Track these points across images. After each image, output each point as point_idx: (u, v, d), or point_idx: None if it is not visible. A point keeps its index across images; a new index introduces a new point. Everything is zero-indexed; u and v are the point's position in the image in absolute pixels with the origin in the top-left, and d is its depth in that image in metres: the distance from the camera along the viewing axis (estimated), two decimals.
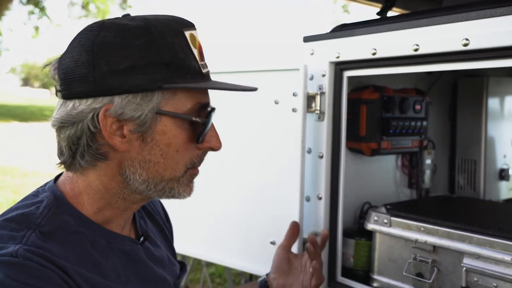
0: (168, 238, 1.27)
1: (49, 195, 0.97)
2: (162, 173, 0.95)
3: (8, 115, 20.97)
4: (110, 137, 0.91)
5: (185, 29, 0.94)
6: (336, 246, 1.67)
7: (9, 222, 0.89)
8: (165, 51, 0.90)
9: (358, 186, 1.91)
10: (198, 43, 0.97)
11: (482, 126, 2.15)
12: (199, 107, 0.97)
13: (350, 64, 1.61)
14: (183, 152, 0.96)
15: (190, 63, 0.94)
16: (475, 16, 1.28)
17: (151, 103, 0.90)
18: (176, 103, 0.93)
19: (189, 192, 1.02)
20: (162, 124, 0.93)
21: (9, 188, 7.51)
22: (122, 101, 0.89)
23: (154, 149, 0.93)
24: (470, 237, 1.39)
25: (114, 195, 0.98)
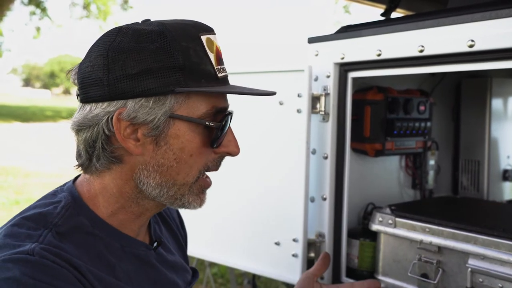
0: (181, 244, 1.26)
1: (67, 196, 0.98)
2: (175, 177, 0.95)
3: (10, 116, 21.00)
4: (124, 140, 0.92)
5: (202, 34, 0.94)
6: (340, 247, 1.67)
7: (27, 221, 0.91)
8: (179, 55, 0.90)
9: (362, 186, 1.91)
10: (216, 48, 0.96)
11: (486, 127, 2.15)
12: (215, 112, 0.95)
13: (355, 65, 1.61)
14: (197, 157, 0.95)
15: (205, 67, 0.93)
16: (480, 17, 1.28)
17: (164, 107, 0.91)
18: (191, 107, 0.93)
19: (199, 203, 1.01)
20: (176, 128, 0.93)
21: (11, 189, 7.52)
22: (135, 104, 0.90)
23: (167, 153, 0.93)
24: (475, 238, 1.39)
25: (128, 200, 0.98)
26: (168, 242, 1.18)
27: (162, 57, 0.90)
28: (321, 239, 1.69)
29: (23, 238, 0.87)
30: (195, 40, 0.93)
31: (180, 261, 1.18)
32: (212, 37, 0.97)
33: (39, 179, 8.39)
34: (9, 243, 0.86)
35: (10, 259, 0.82)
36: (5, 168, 9.19)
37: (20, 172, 8.97)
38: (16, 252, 0.83)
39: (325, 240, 1.68)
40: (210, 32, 0.97)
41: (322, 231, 1.69)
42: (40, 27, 20.01)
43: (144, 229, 1.08)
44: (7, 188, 7.53)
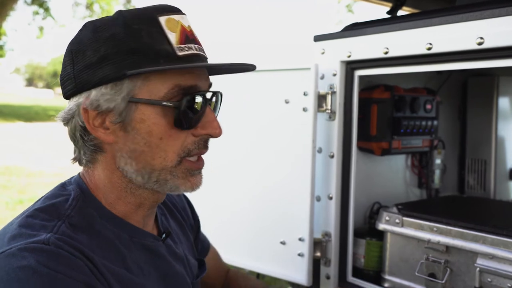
0: (188, 235, 1.25)
1: (76, 188, 0.99)
2: (151, 163, 0.93)
3: (13, 115, 21.04)
4: (94, 130, 0.93)
5: (161, 15, 0.93)
6: (347, 246, 1.66)
7: (40, 212, 0.92)
8: (129, 39, 0.90)
9: (368, 185, 1.90)
10: (182, 27, 0.93)
11: (492, 125, 2.14)
12: (179, 91, 0.91)
13: (362, 63, 1.60)
14: (168, 140, 0.92)
15: (161, 47, 0.90)
16: (489, 14, 1.27)
17: (122, 92, 0.90)
18: (151, 90, 0.91)
19: (190, 186, 0.96)
20: (140, 112, 0.91)
21: (14, 188, 7.52)
22: (97, 93, 0.91)
23: (136, 138, 0.93)
24: (484, 237, 1.38)
25: (121, 190, 0.98)
26: (177, 234, 1.18)
27: (115, 42, 0.90)
28: (327, 238, 1.68)
29: (38, 228, 0.88)
30: (151, 22, 0.92)
31: (186, 253, 1.17)
32: (177, 17, 0.94)
33: (42, 178, 8.39)
34: (25, 232, 0.87)
35: (26, 248, 0.82)
36: (8, 168, 9.20)
37: (23, 171, 8.98)
38: (32, 242, 0.84)
39: (331, 240, 1.67)
40: (174, 12, 0.95)
41: (328, 231, 1.68)
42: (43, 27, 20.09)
43: (151, 221, 1.08)
44: (10, 188, 7.53)
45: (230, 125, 1.87)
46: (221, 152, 1.89)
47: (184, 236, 1.22)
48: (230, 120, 1.87)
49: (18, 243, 0.84)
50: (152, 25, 0.91)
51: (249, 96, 1.82)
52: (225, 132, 1.88)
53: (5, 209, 6.24)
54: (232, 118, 1.86)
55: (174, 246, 1.11)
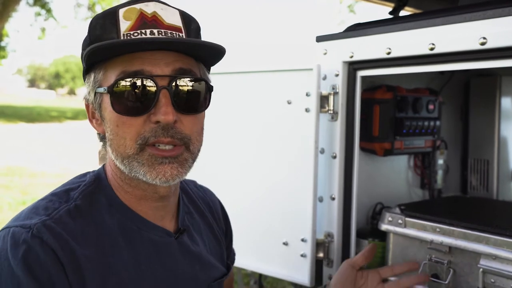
0: (218, 238, 1.24)
1: (93, 176, 1.04)
2: (118, 150, 0.95)
3: (15, 116, 21.08)
4: (90, 121, 1.03)
5: (123, 7, 0.96)
6: (349, 247, 1.66)
7: (53, 196, 0.99)
8: (88, 34, 0.98)
9: (371, 186, 1.90)
10: (140, 14, 0.93)
11: (495, 125, 2.13)
12: (124, 76, 0.91)
13: (364, 64, 1.60)
14: (123, 127, 0.93)
15: (108, 36, 0.93)
16: (492, 14, 1.26)
17: (90, 84, 0.98)
18: (107, 79, 0.95)
19: (156, 175, 0.93)
20: (103, 102, 0.97)
21: (17, 189, 7.54)
22: (86, 88, 1.01)
23: (106, 127, 0.98)
24: (487, 238, 1.37)
25: (118, 179, 1.02)
26: (201, 233, 1.17)
27: (84, 40, 1.00)
28: (329, 239, 1.68)
29: (40, 211, 0.93)
30: (108, 15, 0.96)
31: (207, 255, 1.15)
32: (140, 5, 0.95)
33: (45, 179, 8.41)
34: (25, 214, 0.94)
35: (9, 230, 0.90)
36: (11, 168, 9.22)
37: (25, 172, 9.00)
38: (19, 225, 0.90)
39: (334, 240, 1.67)
40: (139, 2, 0.96)
41: (330, 231, 1.68)
42: (45, 28, 20.13)
43: (168, 215, 1.08)
44: (13, 188, 7.54)
45: (232, 125, 1.88)
46: (223, 153, 1.89)
47: (213, 238, 1.21)
48: (233, 121, 1.87)
49: (12, 223, 0.92)
50: (108, 17, 0.96)
51: (251, 97, 1.82)
52: (226, 133, 1.89)
53: (7, 210, 6.26)
54: (234, 119, 1.86)
55: (189, 245, 1.10)
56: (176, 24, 0.96)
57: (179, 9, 0.99)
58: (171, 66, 0.93)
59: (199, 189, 1.31)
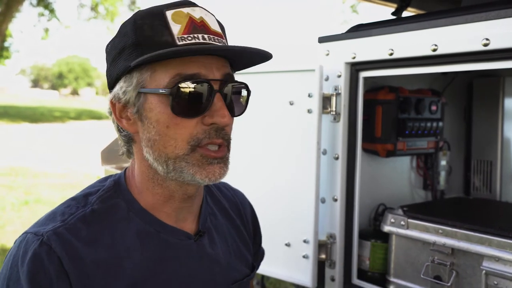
0: (243, 240, 1.23)
1: (112, 180, 1.05)
2: (164, 151, 0.95)
3: (18, 116, 21.15)
4: (119, 120, 1.00)
5: (169, 9, 0.95)
6: (351, 248, 1.66)
7: (72, 201, 1.00)
8: (133, 33, 0.95)
9: (373, 187, 1.89)
10: (189, 18, 0.95)
11: (498, 126, 2.12)
12: (180, 79, 0.92)
13: (367, 65, 1.59)
14: (175, 128, 0.93)
15: (161, 39, 0.93)
16: (495, 15, 1.26)
17: (133, 84, 0.95)
18: (157, 80, 0.94)
19: (205, 175, 0.95)
20: (149, 102, 0.95)
21: (20, 189, 7.56)
22: (118, 87, 0.98)
23: (149, 127, 0.96)
24: (490, 239, 1.37)
25: (149, 180, 1.01)
26: (224, 235, 1.16)
27: (125, 39, 0.96)
28: (332, 240, 1.67)
29: (57, 216, 0.96)
30: (154, 16, 0.95)
31: (227, 257, 1.14)
32: (187, 9, 0.96)
33: (48, 179, 8.42)
34: (44, 220, 0.96)
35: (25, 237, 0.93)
36: (14, 169, 9.24)
37: (29, 172, 9.02)
38: (34, 232, 0.92)
39: (336, 242, 1.67)
40: (185, 6, 0.97)
41: (333, 232, 1.68)
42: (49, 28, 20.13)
43: (190, 216, 1.07)
44: (16, 189, 7.56)
45: (234, 126, 1.87)
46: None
47: (236, 238, 1.20)
48: (235, 122, 1.86)
49: (31, 228, 0.95)
50: (157, 18, 0.95)
51: (253, 97, 1.81)
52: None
53: (11, 210, 6.27)
54: (237, 120, 1.86)
55: (209, 247, 1.09)
56: (218, 30, 0.99)
57: (214, 15, 1.02)
58: (221, 70, 0.97)
59: (229, 190, 1.31)
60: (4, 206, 6.44)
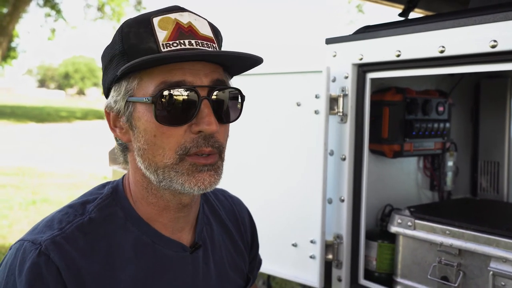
0: (239, 251, 1.21)
1: (111, 187, 1.04)
2: (153, 160, 0.94)
3: (25, 116, 21.27)
4: (112, 129, 1.00)
5: (157, 15, 0.94)
6: (358, 249, 1.66)
7: (69, 208, 0.99)
8: (120, 42, 0.95)
9: (380, 188, 1.90)
10: (176, 24, 0.93)
11: (506, 127, 2.12)
12: (165, 87, 0.91)
13: (374, 66, 1.60)
14: (162, 137, 0.92)
15: (145, 46, 0.92)
16: (503, 17, 1.26)
17: (121, 93, 0.95)
18: (144, 88, 0.93)
19: (195, 183, 0.92)
20: (137, 111, 0.95)
21: (27, 189, 7.60)
22: (110, 96, 0.99)
23: (138, 136, 0.95)
24: (497, 240, 1.37)
25: (143, 189, 1.00)
26: (219, 246, 1.15)
27: (113, 48, 0.97)
28: (338, 240, 1.68)
29: (54, 224, 0.95)
30: (142, 23, 0.94)
31: (222, 268, 1.13)
32: (175, 15, 0.95)
33: (54, 179, 8.47)
34: (41, 228, 0.95)
35: (21, 244, 0.92)
36: (21, 169, 9.30)
37: (35, 172, 9.07)
38: (31, 240, 0.91)
39: (343, 242, 1.67)
40: (174, 11, 0.96)
41: (340, 233, 1.68)
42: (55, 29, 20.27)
43: (186, 227, 1.06)
44: (23, 188, 7.61)
45: (241, 127, 1.88)
46: (232, 155, 1.90)
47: (231, 249, 1.18)
48: (241, 123, 1.87)
49: (27, 236, 0.94)
50: (143, 26, 0.94)
51: (260, 98, 1.82)
52: (236, 135, 1.89)
53: (18, 209, 6.31)
54: (244, 121, 1.87)
55: (204, 259, 1.08)
56: (209, 35, 0.97)
57: (206, 19, 1.00)
58: (209, 77, 0.94)
59: (228, 198, 1.28)
60: (12, 205, 6.48)
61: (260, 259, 1.35)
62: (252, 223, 1.30)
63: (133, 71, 0.93)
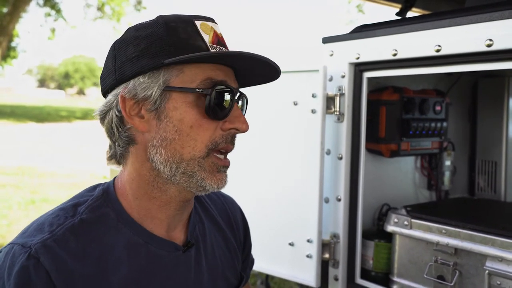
0: (232, 249, 1.21)
1: (101, 189, 1.03)
2: (180, 151, 0.95)
3: (25, 116, 21.28)
4: (130, 117, 0.97)
5: (196, 19, 0.99)
6: (355, 248, 1.66)
7: (60, 210, 0.98)
8: (167, 34, 0.96)
9: (377, 187, 1.90)
10: (214, 32, 1.00)
11: (503, 127, 2.12)
12: (211, 83, 0.95)
13: (370, 65, 1.60)
14: (198, 129, 0.95)
15: (195, 43, 0.96)
16: (499, 16, 1.26)
17: (158, 81, 0.95)
18: (185, 79, 0.96)
19: (216, 181, 0.98)
20: (173, 100, 0.96)
21: (26, 188, 7.61)
22: (135, 82, 0.96)
23: (168, 126, 0.95)
24: (493, 239, 1.37)
25: (148, 184, 1.00)
26: (212, 244, 1.15)
27: (154, 38, 0.97)
28: (335, 240, 1.68)
29: (45, 226, 0.94)
30: (187, 22, 0.98)
31: (215, 267, 1.13)
32: (210, 24, 1.00)
33: (54, 179, 8.47)
34: (31, 231, 0.95)
35: (11, 247, 0.91)
36: (20, 168, 9.31)
37: (35, 172, 9.07)
38: (21, 243, 0.91)
39: (340, 241, 1.67)
40: (208, 20, 1.01)
41: (336, 232, 1.68)
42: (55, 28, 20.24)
43: (180, 225, 1.07)
44: (23, 188, 7.61)
45: None
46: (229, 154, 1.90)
47: (224, 247, 1.19)
48: None
49: (17, 239, 0.94)
50: (188, 25, 0.98)
51: (257, 98, 1.82)
52: None
53: (17, 209, 6.32)
54: None
55: (197, 257, 1.08)
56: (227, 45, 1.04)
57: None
58: (236, 82, 1.03)
59: (220, 197, 1.29)
60: (11, 205, 6.49)
61: (252, 258, 1.35)
62: (245, 222, 1.30)
63: (178, 63, 0.95)
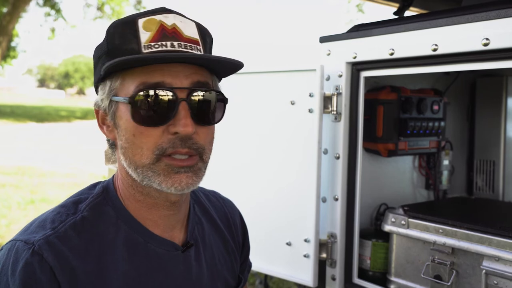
0: (231, 251, 1.21)
1: (101, 187, 1.04)
2: (132, 159, 0.95)
3: (25, 116, 21.28)
4: (101, 127, 1.02)
5: (142, 17, 0.96)
6: (352, 248, 1.66)
7: (61, 208, 0.99)
8: (106, 43, 0.97)
9: (375, 187, 1.90)
10: (160, 26, 0.94)
11: (501, 126, 2.12)
12: (144, 87, 0.92)
13: (367, 65, 1.60)
14: (140, 137, 0.93)
15: (128, 46, 0.94)
16: (495, 15, 1.26)
17: (105, 92, 0.98)
18: (125, 88, 0.95)
19: (171, 184, 0.93)
20: (119, 110, 0.97)
21: (26, 188, 7.60)
22: (98, 94, 1.00)
23: (120, 135, 0.97)
24: (490, 239, 1.37)
25: (129, 187, 1.01)
26: (211, 246, 1.14)
27: (100, 48, 1.00)
28: (332, 239, 1.68)
29: (47, 224, 0.95)
30: (127, 24, 0.96)
31: (214, 268, 1.13)
32: (160, 16, 0.96)
33: (54, 179, 8.47)
34: (33, 228, 0.95)
35: (14, 244, 0.92)
36: (20, 168, 9.30)
37: (35, 171, 9.07)
38: (24, 240, 0.91)
39: (337, 241, 1.67)
40: (160, 13, 0.97)
41: (334, 232, 1.68)
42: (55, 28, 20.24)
43: (178, 226, 1.07)
44: (22, 188, 7.61)
45: (235, 126, 1.88)
46: (226, 153, 1.90)
47: (223, 249, 1.18)
48: (236, 122, 1.87)
49: (20, 236, 0.94)
50: (128, 27, 0.95)
51: (254, 97, 1.82)
52: (230, 134, 1.89)
53: (16, 209, 6.32)
54: (237, 120, 1.87)
55: (196, 258, 1.08)
56: (194, 36, 0.98)
57: (195, 21, 1.01)
58: (189, 78, 0.95)
59: (219, 200, 1.28)
60: (10, 205, 6.48)
61: (250, 262, 1.35)
62: (244, 225, 1.30)
63: (116, 71, 0.94)
